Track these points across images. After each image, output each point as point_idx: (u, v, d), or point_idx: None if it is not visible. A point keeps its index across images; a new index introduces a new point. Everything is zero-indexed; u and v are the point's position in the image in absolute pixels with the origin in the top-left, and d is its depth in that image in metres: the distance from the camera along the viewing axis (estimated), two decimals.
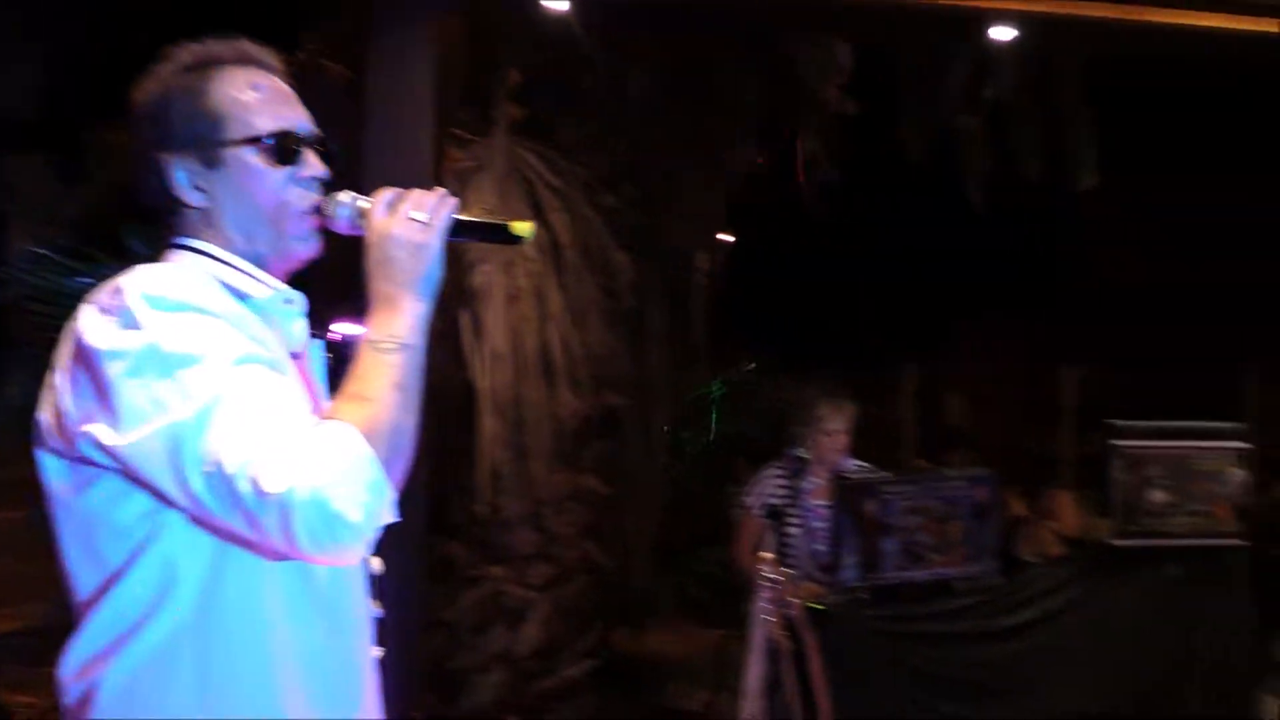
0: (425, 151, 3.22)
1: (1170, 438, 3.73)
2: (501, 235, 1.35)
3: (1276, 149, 10.28)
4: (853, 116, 4.90)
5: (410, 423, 1.19)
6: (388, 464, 1.14)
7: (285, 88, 1.33)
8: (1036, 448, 9.39)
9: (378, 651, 1.37)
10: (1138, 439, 3.68)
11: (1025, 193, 5.73)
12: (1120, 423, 3.74)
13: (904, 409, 10.74)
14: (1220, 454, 3.78)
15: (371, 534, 1.15)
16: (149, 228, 1.46)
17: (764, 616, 3.67)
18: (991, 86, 4.74)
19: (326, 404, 1.27)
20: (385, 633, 1.40)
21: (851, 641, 3.44)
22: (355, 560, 1.26)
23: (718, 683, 5.04)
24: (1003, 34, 4.07)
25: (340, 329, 1.38)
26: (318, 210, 1.30)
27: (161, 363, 1.12)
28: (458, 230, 1.28)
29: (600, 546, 4.37)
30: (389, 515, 1.16)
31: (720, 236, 6.30)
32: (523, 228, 1.32)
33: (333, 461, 1.10)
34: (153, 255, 1.30)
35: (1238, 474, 3.81)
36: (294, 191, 1.29)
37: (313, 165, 1.31)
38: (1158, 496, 3.67)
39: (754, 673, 3.81)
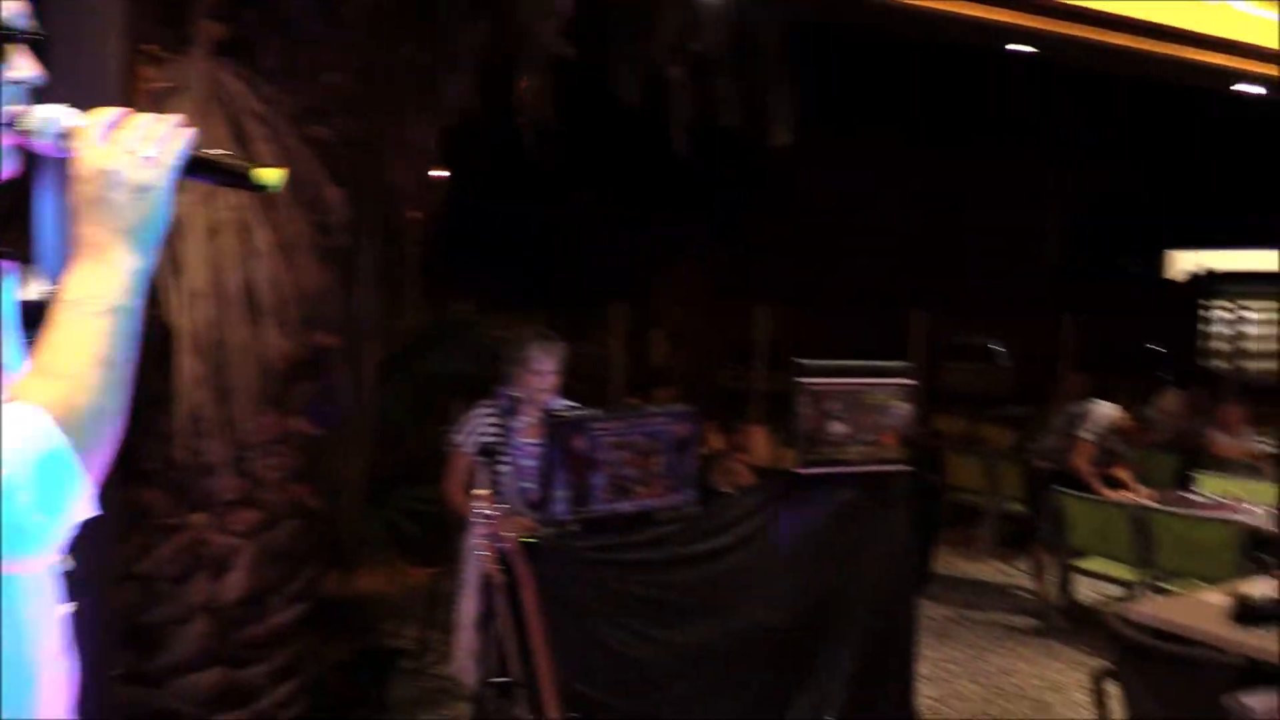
0: (113, 68, 2.97)
1: (847, 375, 4.12)
2: (243, 181, 1.16)
3: (960, 118, 11.37)
4: (570, 60, 4.95)
5: (117, 403, 1.00)
6: (85, 453, 0.96)
7: None
8: (733, 384, 10.01)
9: (69, 607, 1.21)
10: (819, 376, 4.05)
11: (727, 143, 6.05)
12: (804, 361, 4.09)
13: (614, 348, 11.08)
14: (888, 390, 4.23)
15: (61, 537, 0.98)
16: None
17: (477, 552, 3.75)
18: (700, 39, 4.95)
19: (14, 361, 1.06)
20: (77, 587, 1.31)
21: (562, 572, 3.59)
22: (42, 567, 1.06)
23: (431, 619, 5.10)
24: None
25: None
26: (15, 123, 1.07)
27: None
28: (192, 169, 1.09)
29: (309, 489, 4.27)
30: (84, 512, 0.99)
31: (437, 174, 6.21)
32: (270, 175, 1.14)
33: (13, 454, 0.91)
34: None
35: (903, 407, 4.28)
36: None
37: (20, 66, 1.07)
38: (836, 428, 4.06)
39: (468, 607, 3.89)
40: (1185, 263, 14.43)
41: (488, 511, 3.64)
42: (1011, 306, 12.92)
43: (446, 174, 6.78)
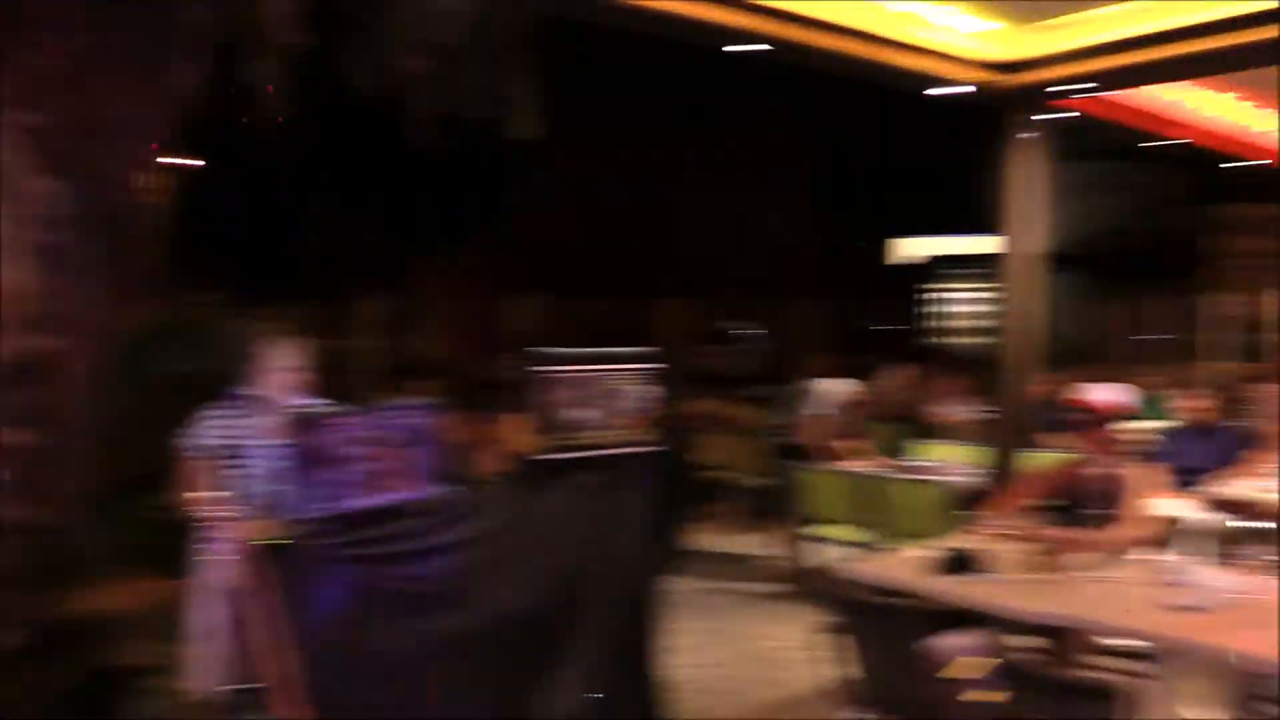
0: None
1: (589, 362, 4.26)
2: None
3: (709, 112, 11.78)
4: (304, 48, 4.82)
5: None
6: None
7: None
8: (489, 374, 10.01)
9: None
10: (561, 364, 4.17)
11: (476, 136, 6.06)
12: (545, 350, 4.21)
13: (371, 342, 10.87)
14: (632, 374, 4.40)
15: None
16: None
17: (218, 558, 3.64)
18: (441, 30, 4.95)
19: None
20: None
21: (309, 572, 3.53)
22: None
23: (172, 632, 4.87)
24: None
25: None
26: None
27: None
28: None
29: (31, 503, 4.00)
30: None
31: (170, 162, 5.89)
32: None
33: None
34: None
35: (646, 390, 4.46)
36: None
37: None
38: (581, 414, 4.19)
39: (207, 616, 3.77)
40: (912, 248, 15.59)
41: (228, 516, 3.54)
42: (762, 292, 13.60)
43: (183, 162, 6.44)
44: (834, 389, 7.28)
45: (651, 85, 11.27)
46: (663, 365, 4.64)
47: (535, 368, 4.28)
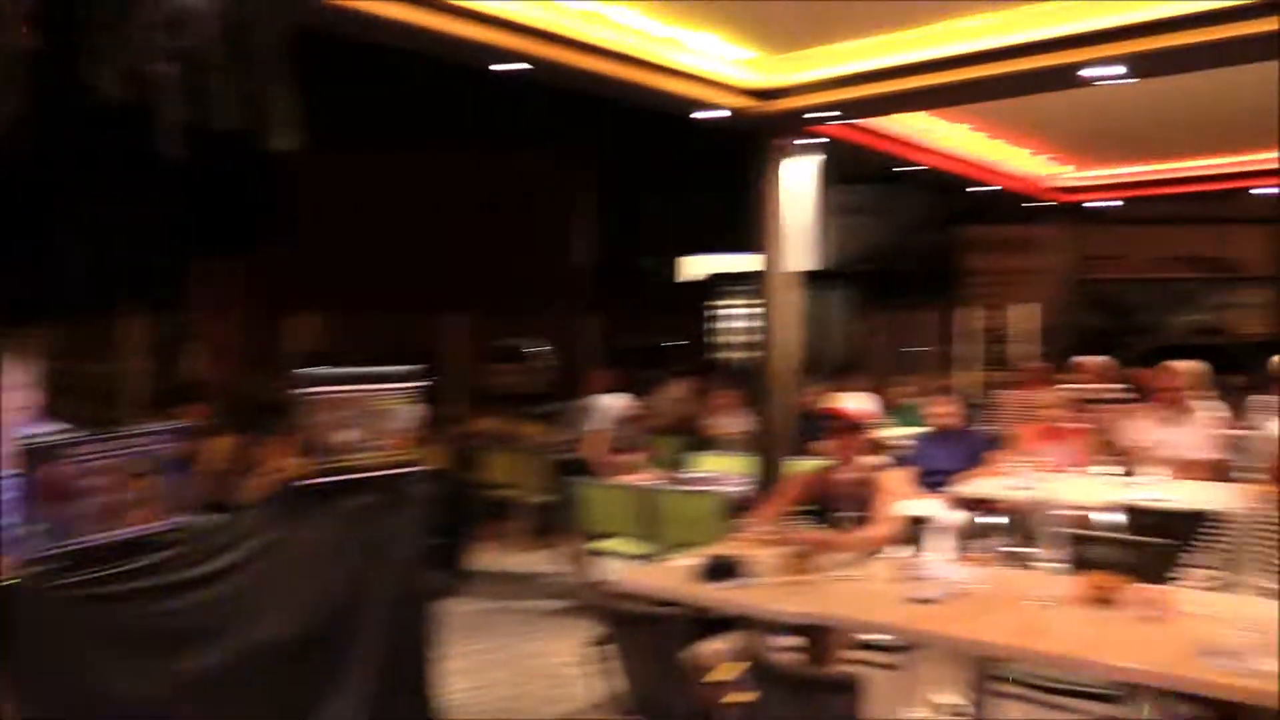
0: None
1: (352, 382, 4.18)
2: None
3: (482, 134, 11.74)
4: (35, 50, 4.51)
5: None
6: None
7: None
8: (263, 395, 9.65)
9: None
10: (323, 385, 4.07)
11: (238, 148, 5.82)
12: (306, 371, 4.09)
13: (133, 363, 10.25)
14: (397, 394, 4.34)
15: None
16: None
17: None
18: (188, 36, 4.73)
19: None
20: None
21: (40, 615, 3.28)
22: None
23: None
24: None
25: None
26: None
27: None
28: None
29: None
30: None
31: None
32: None
33: None
34: None
35: (412, 410, 4.40)
36: None
37: None
38: (345, 436, 4.10)
39: None
40: (700, 266, 16.07)
41: None
42: (548, 309, 13.68)
43: None
44: (612, 404, 7.40)
45: (438, 102, 11.18)
46: (432, 382, 4.59)
47: (301, 389, 4.15)
